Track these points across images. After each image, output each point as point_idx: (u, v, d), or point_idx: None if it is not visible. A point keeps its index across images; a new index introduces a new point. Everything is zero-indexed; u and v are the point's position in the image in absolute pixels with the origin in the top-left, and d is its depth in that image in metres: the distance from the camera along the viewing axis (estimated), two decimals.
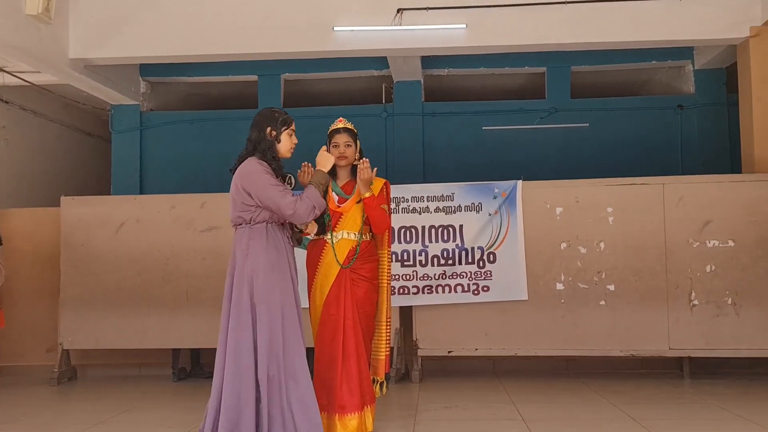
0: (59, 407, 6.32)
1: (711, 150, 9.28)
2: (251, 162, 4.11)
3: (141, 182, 9.84)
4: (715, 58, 8.87)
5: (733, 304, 6.70)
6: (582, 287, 6.87)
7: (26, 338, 7.80)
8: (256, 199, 4.02)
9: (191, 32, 7.90)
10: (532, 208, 6.97)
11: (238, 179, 4.07)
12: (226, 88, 10.46)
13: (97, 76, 8.52)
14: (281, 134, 4.23)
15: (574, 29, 7.69)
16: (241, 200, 4.05)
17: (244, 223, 4.07)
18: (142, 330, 7.20)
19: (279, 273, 4.02)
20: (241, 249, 4.02)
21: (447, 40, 7.77)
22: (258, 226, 4.05)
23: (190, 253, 7.23)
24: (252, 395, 3.93)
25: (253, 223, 4.05)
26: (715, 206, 6.79)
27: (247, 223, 4.06)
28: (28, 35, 7.14)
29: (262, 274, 3.97)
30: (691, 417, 5.29)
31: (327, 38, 7.79)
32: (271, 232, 4.07)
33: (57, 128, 10.83)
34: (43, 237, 7.84)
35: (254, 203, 4.04)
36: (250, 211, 4.05)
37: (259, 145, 4.19)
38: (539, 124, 9.57)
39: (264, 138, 4.20)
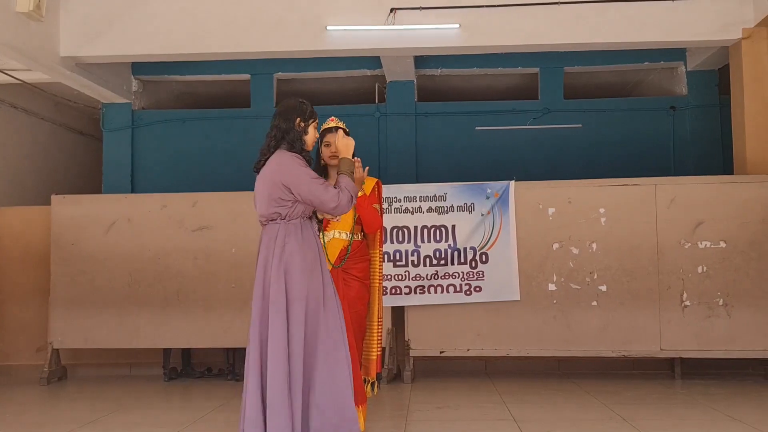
0: (49, 407, 6.28)
1: (703, 151, 9.30)
2: (286, 155, 3.95)
3: (132, 181, 9.80)
4: (708, 60, 8.89)
5: (724, 305, 6.71)
6: (574, 288, 6.87)
7: (16, 337, 7.76)
8: (296, 194, 3.89)
9: (183, 30, 7.87)
10: (525, 208, 6.97)
11: (276, 174, 3.91)
12: (218, 86, 10.43)
13: (89, 75, 8.49)
14: (309, 126, 4.10)
15: (568, 30, 7.69)
16: (278, 195, 3.90)
17: (279, 219, 3.95)
18: (132, 329, 7.17)
19: (315, 268, 3.94)
20: (277, 245, 3.89)
21: (440, 39, 7.77)
22: (294, 221, 3.94)
23: (181, 252, 7.20)
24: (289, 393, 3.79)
25: (289, 219, 3.94)
26: (707, 207, 6.80)
27: (282, 219, 3.94)
28: (18, 33, 7.10)
29: (299, 271, 3.86)
30: (683, 417, 5.29)
31: (320, 37, 7.78)
32: (305, 227, 3.98)
33: (48, 127, 10.79)
34: (33, 236, 7.80)
35: (292, 198, 3.92)
36: (286, 207, 3.93)
37: (287, 135, 4.01)
38: (532, 124, 9.58)
39: (293, 128, 4.03)
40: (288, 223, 3.93)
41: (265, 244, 3.94)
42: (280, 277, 3.84)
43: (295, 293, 3.84)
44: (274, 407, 3.73)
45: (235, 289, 7.08)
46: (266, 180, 3.93)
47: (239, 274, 7.08)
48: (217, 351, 7.50)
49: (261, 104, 9.86)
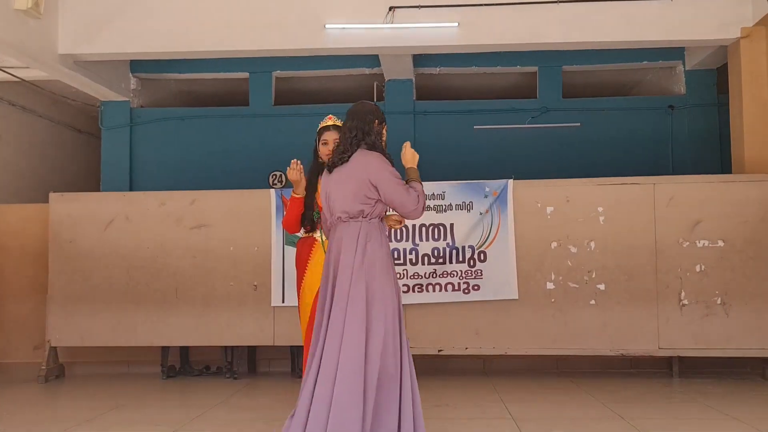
0: (46, 405, 6.28)
1: (701, 150, 9.32)
2: (375, 155, 4.00)
3: (130, 179, 9.81)
4: (706, 59, 8.90)
5: (722, 303, 6.72)
6: (572, 286, 6.87)
7: (13, 335, 7.76)
8: (382, 193, 3.94)
9: (182, 28, 7.87)
10: (523, 207, 6.97)
11: (364, 172, 3.94)
12: (216, 85, 10.43)
13: (87, 72, 8.48)
14: (383, 128, 4.16)
15: (566, 29, 7.70)
16: (364, 193, 3.94)
17: (361, 217, 3.97)
18: (130, 327, 7.16)
19: (392, 268, 3.99)
20: (359, 243, 3.91)
21: (439, 38, 7.76)
22: (374, 220, 3.99)
23: (179, 250, 7.19)
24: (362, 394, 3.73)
25: (369, 218, 3.98)
26: (705, 206, 6.80)
27: (363, 218, 3.97)
28: (17, 30, 7.10)
29: (380, 270, 3.89)
30: (681, 416, 5.30)
31: (318, 36, 7.78)
32: (381, 227, 4.04)
33: (46, 124, 10.78)
34: (31, 233, 7.79)
35: (376, 197, 3.96)
36: (370, 205, 3.97)
37: (367, 137, 4.04)
38: (531, 123, 9.58)
39: (372, 130, 4.07)
40: (369, 222, 3.97)
41: (344, 241, 3.93)
42: (361, 277, 3.85)
43: (379, 294, 3.84)
44: (343, 406, 3.67)
45: (234, 287, 7.08)
46: (352, 178, 3.95)
47: (237, 272, 7.08)
48: (215, 349, 7.50)
49: (259, 102, 9.86)
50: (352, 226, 3.95)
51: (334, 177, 4.03)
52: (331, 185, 4.04)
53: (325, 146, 4.61)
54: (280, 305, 6.98)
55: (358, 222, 3.95)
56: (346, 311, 3.80)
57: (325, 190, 4.10)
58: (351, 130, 4.04)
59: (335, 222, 4.03)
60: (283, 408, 5.59)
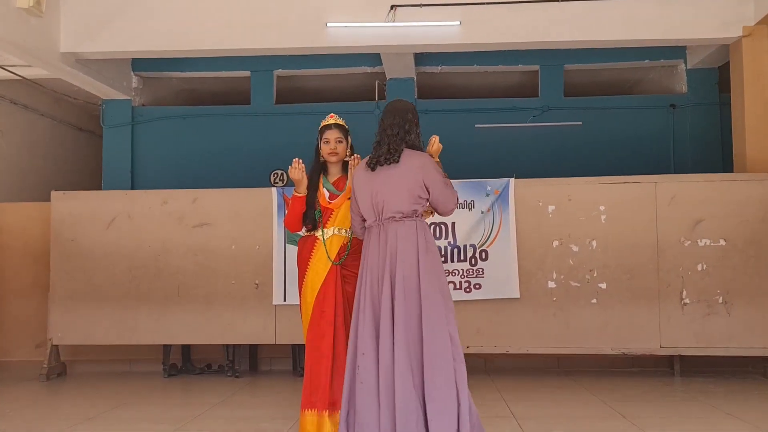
0: (48, 403, 6.29)
1: (703, 149, 9.31)
2: (427, 157, 4.13)
3: (132, 177, 9.81)
4: (708, 58, 8.89)
5: (724, 302, 6.71)
6: (574, 285, 6.87)
7: (15, 334, 7.77)
8: (432, 194, 4.06)
9: (183, 27, 7.87)
10: (525, 206, 6.96)
11: (419, 173, 4.04)
12: (218, 83, 10.43)
13: (89, 71, 8.49)
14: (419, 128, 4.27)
15: (568, 27, 7.69)
16: (418, 194, 4.04)
17: (414, 216, 4.05)
18: (132, 326, 7.17)
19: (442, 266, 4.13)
20: (420, 241, 4.00)
21: (441, 37, 7.76)
22: (423, 219, 4.11)
23: (181, 248, 7.19)
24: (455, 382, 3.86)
25: (420, 218, 4.09)
26: (706, 205, 6.80)
27: (417, 217, 4.06)
28: (18, 29, 7.10)
29: (438, 268, 4.03)
30: (682, 415, 5.30)
31: (320, 34, 7.77)
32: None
33: (48, 123, 10.79)
34: (33, 232, 7.80)
35: (426, 197, 4.06)
36: (421, 205, 4.08)
37: (408, 136, 4.15)
38: (532, 122, 9.58)
39: (413, 130, 4.18)
40: (421, 221, 4.08)
41: (401, 240, 4.00)
42: (430, 273, 3.95)
43: (445, 288, 4.02)
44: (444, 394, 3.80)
45: (235, 285, 7.09)
46: (405, 178, 4.03)
47: (239, 271, 7.09)
48: (216, 347, 7.50)
49: (261, 101, 9.86)
50: (407, 225, 4.03)
51: (380, 176, 4.07)
52: (378, 184, 4.07)
53: (326, 145, 4.60)
54: (281, 304, 6.98)
55: (413, 221, 4.03)
56: (421, 306, 3.90)
57: (368, 189, 4.13)
58: (392, 127, 4.11)
59: (384, 221, 4.07)
60: (285, 406, 5.59)
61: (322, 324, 4.45)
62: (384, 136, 4.11)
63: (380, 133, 4.15)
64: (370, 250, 4.12)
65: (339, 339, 4.43)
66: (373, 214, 4.11)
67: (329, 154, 4.60)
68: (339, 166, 4.68)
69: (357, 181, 4.23)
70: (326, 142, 4.61)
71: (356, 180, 4.25)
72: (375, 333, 3.98)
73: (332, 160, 4.63)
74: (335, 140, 4.60)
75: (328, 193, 4.61)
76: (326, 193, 4.62)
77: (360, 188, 4.19)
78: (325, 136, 4.62)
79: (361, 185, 4.17)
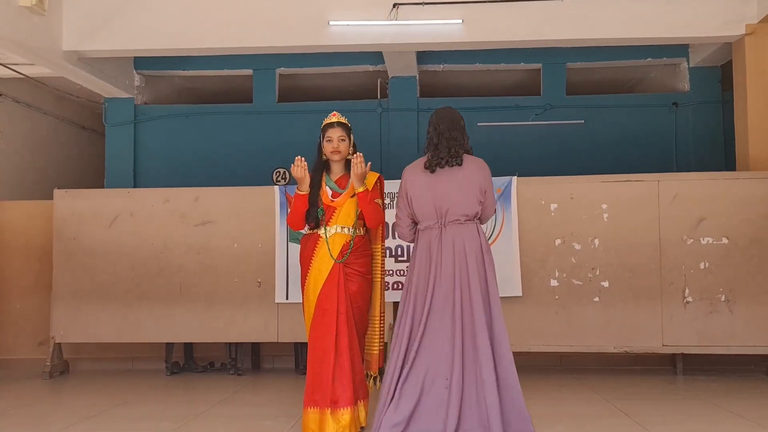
0: (51, 401, 6.30)
1: (706, 147, 9.30)
2: (483, 162, 4.33)
3: (135, 176, 9.82)
4: (711, 56, 8.88)
5: (726, 301, 6.71)
6: (576, 284, 6.87)
7: (18, 331, 7.77)
8: (486, 199, 4.26)
9: (186, 25, 7.87)
10: (527, 204, 6.96)
11: (481, 179, 4.23)
12: (220, 82, 10.44)
13: (91, 69, 8.49)
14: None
15: (570, 26, 7.69)
16: (479, 198, 4.22)
17: (474, 219, 4.21)
18: (135, 324, 7.17)
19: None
20: (482, 242, 4.20)
21: (443, 35, 7.76)
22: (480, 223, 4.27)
23: (183, 247, 7.20)
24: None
25: (477, 220, 4.26)
26: (709, 204, 6.79)
27: (477, 219, 4.22)
28: (21, 27, 7.11)
29: (494, 268, 4.25)
30: (685, 413, 5.29)
31: (322, 33, 7.77)
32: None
33: (50, 121, 10.80)
34: (35, 230, 7.80)
35: (482, 201, 4.24)
36: (480, 209, 4.26)
37: (465, 141, 4.32)
38: (534, 120, 9.58)
39: (466, 135, 4.35)
40: (478, 223, 4.26)
41: (467, 241, 4.15)
42: (493, 274, 4.18)
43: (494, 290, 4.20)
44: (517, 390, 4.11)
45: (237, 283, 7.09)
46: (470, 181, 4.20)
47: (241, 269, 7.09)
48: (219, 345, 7.51)
49: (263, 99, 9.87)
50: (470, 227, 4.20)
51: (442, 179, 4.18)
52: (441, 187, 4.18)
53: (329, 143, 4.61)
54: (284, 302, 6.99)
55: (474, 223, 4.20)
56: (490, 305, 4.14)
57: (429, 191, 4.22)
58: (451, 131, 4.24)
59: (447, 224, 4.19)
60: (288, 404, 5.60)
61: (325, 322, 4.46)
62: (443, 140, 4.23)
63: (437, 136, 4.26)
64: (431, 250, 4.20)
65: (341, 337, 4.44)
66: (434, 216, 4.21)
67: (332, 153, 4.61)
68: (342, 165, 4.69)
69: (414, 183, 4.30)
70: (329, 141, 4.61)
71: (412, 182, 4.32)
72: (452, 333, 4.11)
73: (335, 158, 4.63)
74: (338, 138, 4.60)
75: (330, 192, 4.62)
76: (329, 191, 4.62)
77: (419, 190, 4.26)
78: (327, 135, 4.63)
79: (420, 187, 4.25)
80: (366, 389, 4.59)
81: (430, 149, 4.29)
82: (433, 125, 4.35)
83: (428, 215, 4.23)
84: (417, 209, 4.26)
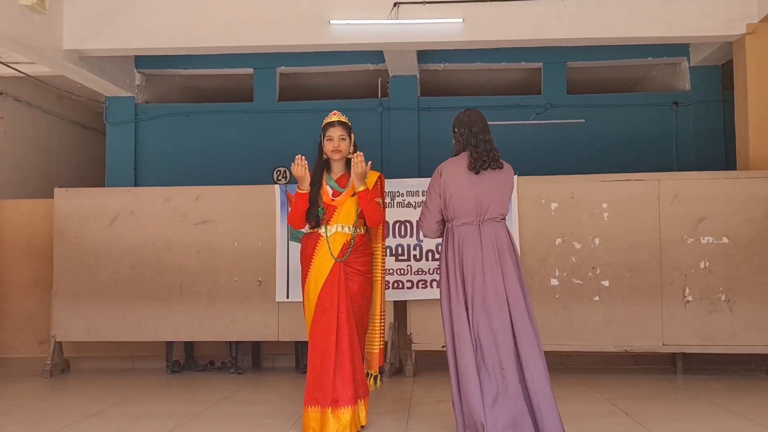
0: (51, 399, 6.30)
1: (706, 147, 9.30)
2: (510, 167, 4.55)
3: (135, 174, 9.82)
4: (711, 55, 8.88)
5: (726, 300, 6.71)
6: (576, 283, 6.87)
7: (18, 330, 7.77)
8: (508, 198, 4.51)
9: (186, 24, 7.87)
10: (527, 203, 6.96)
11: (510, 182, 4.52)
12: (221, 80, 10.44)
13: (92, 68, 8.50)
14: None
15: (571, 24, 7.69)
16: (509, 199, 4.52)
17: (502, 219, 4.44)
18: (135, 322, 7.18)
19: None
20: (512, 239, 4.44)
21: (443, 34, 7.76)
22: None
23: (184, 246, 7.20)
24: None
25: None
26: (709, 203, 6.80)
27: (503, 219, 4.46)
28: (22, 26, 7.11)
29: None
30: (685, 412, 5.30)
31: (323, 31, 7.77)
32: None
33: (51, 120, 10.80)
34: (36, 228, 7.81)
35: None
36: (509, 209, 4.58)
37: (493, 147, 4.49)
38: (534, 119, 9.57)
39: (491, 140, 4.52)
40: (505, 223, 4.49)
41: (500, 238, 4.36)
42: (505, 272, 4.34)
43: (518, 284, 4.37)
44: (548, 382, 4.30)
45: (238, 282, 7.10)
46: (505, 184, 4.47)
47: (242, 268, 7.10)
48: (219, 344, 7.51)
49: (264, 98, 9.87)
50: (502, 225, 4.43)
51: (486, 179, 4.38)
52: (484, 187, 4.38)
53: (329, 142, 4.61)
54: (284, 301, 6.99)
55: (500, 222, 4.43)
56: (525, 299, 4.36)
57: (473, 190, 4.38)
58: (486, 133, 4.47)
59: (485, 221, 4.37)
60: (288, 403, 5.60)
61: (325, 321, 4.46)
62: (481, 143, 4.42)
63: (473, 138, 4.43)
64: (470, 244, 4.35)
65: (342, 336, 4.44)
66: (474, 213, 4.37)
67: (332, 152, 4.61)
68: (342, 164, 4.69)
69: (456, 181, 4.41)
70: (329, 140, 4.62)
71: (455, 180, 4.42)
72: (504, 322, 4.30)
73: (335, 157, 4.64)
74: (338, 137, 4.61)
75: (331, 191, 4.62)
76: (329, 190, 4.63)
77: (461, 188, 4.39)
78: (328, 134, 4.63)
79: (464, 186, 4.39)
80: (366, 388, 4.60)
81: (469, 149, 4.42)
82: (466, 126, 4.49)
83: (468, 212, 4.38)
84: (456, 205, 4.39)
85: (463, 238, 4.37)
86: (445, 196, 4.42)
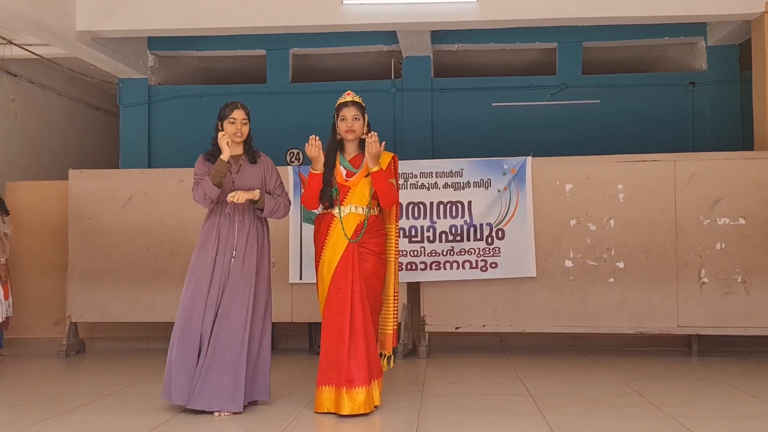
0: (67, 380, 6.35)
1: (723, 127, 9.20)
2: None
3: (149, 156, 9.83)
4: (729, 35, 8.76)
5: (742, 282, 6.66)
6: (591, 264, 6.84)
7: (34, 311, 7.83)
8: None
9: (199, 5, 7.83)
10: (542, 184, 6.93)
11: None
12: (234, 62, 10.40)
13: (105, 49, 8.47)
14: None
15: (586, 4, 7.59)
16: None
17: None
18: (150, 303, 7.21)
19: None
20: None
21: (458, 14, 7.68)
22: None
23: (197, 226, 7.18)
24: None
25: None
26: (726, 184, 6.73)
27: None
28: (35, 7, 7.09)
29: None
30: (700, 394, 5.27)
31: (336, 12, 7.71)
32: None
33: (65, 102, 10.81)
34: (51, 210, 7.84)
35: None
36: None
37: None
38: (550, 100, 9.49)
39: None
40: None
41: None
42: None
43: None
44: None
45: None
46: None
47: None
48: None
49: (277, 80, 9.83)
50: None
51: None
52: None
53: (343, 122, 4.60)
54: (297, 282, 7.00)
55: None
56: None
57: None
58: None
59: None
60: (302, 383, 5.61)
61: (339, 301, 4.46)
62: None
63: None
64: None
65: (356, 316, 4.44)
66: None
67: (346, 132, 4.59)
68: (356, 144, 4.67)
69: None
70: (343, 120, 4.60)
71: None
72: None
73: (349, 137, 4.62)
74: (352, 118, 4.59)
75: (344, 171, 4.61)
76: (343, 170, 4.61)
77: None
78: (341, 114, 4.61)
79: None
80: (380, 368, 4.60)
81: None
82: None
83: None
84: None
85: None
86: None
